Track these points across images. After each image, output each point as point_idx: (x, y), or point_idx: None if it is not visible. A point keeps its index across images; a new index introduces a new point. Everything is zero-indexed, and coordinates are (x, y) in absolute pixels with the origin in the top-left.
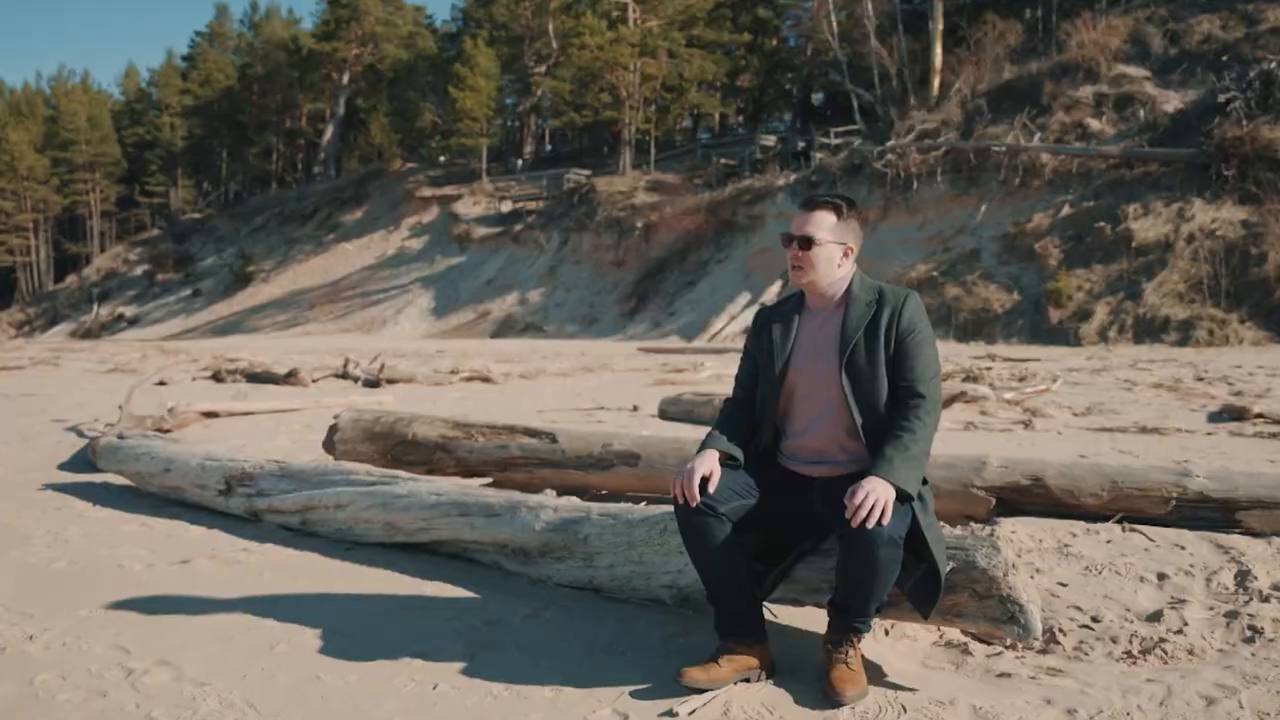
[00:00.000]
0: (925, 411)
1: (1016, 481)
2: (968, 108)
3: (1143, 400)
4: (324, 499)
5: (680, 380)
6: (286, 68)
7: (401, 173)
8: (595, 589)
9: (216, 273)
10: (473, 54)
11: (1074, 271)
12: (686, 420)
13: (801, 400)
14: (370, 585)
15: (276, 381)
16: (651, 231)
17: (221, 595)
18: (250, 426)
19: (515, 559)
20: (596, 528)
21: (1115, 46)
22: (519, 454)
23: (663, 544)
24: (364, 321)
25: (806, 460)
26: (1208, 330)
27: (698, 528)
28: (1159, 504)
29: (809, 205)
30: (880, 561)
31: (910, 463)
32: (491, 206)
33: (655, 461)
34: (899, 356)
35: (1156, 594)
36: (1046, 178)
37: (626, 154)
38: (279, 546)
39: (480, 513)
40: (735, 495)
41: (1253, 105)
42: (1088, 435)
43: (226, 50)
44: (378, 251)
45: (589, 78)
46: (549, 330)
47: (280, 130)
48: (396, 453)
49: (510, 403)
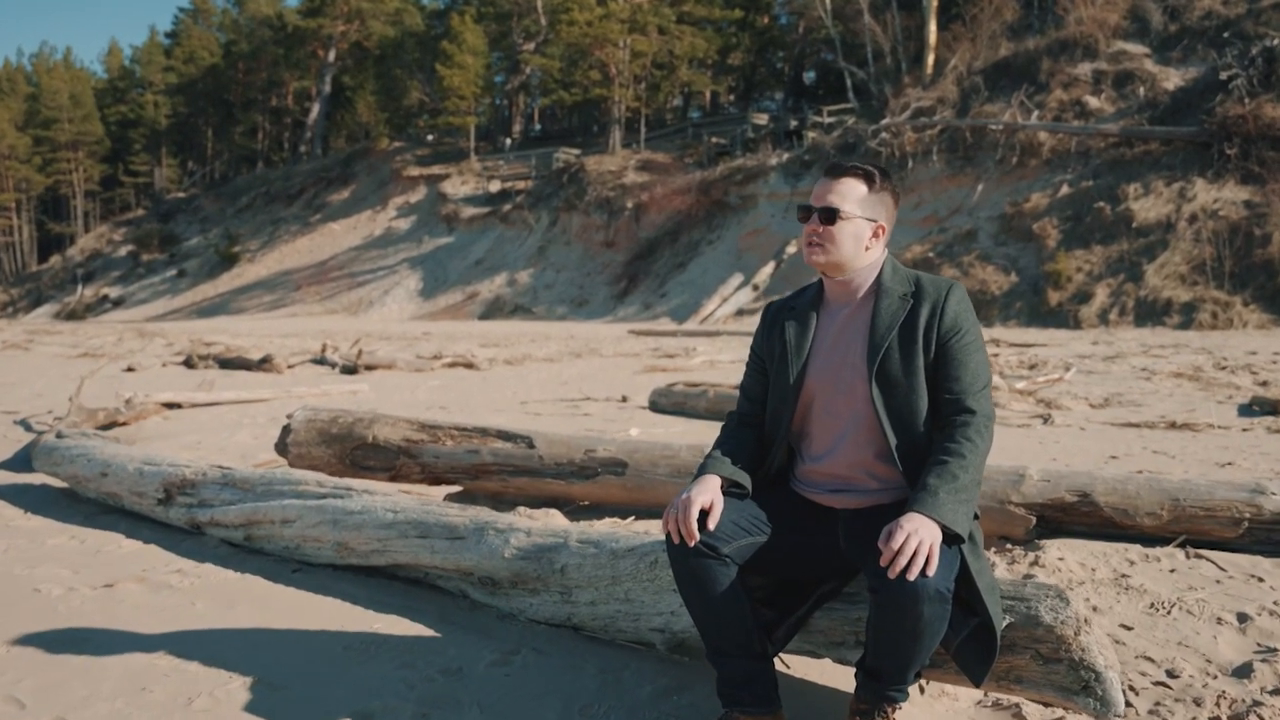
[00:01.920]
0: (976, 431)
1: (1060, 498)
2: (964, 85)
3: (1163, 391)
4: (269, 512)
5: (671, 367)
6: (272, 45)
7: (388, 152)
8: (575, 627)
9: (202, 253)
10: (460, 31)
11: (1073, 252)
12: (679, 414)
13: (822, 416)
14: (315, 618)
15: (250, 368)
16: (642, 211)
17: (145, 629)
18: (212, 419)
19: (482, 588)
20: (575, 557)
21: (1114, 23)
22: (491, 460)
23: (653, 579)
24: (351, 303)
25: (828, 488)
26: (1211, 313)
27: (696, 573)
28: (1228, 526)
29: (834, 172)
30: (924, 620)
31: (959, 495)
32: (480, 186)
33: (644, 470)
34: (942, 363)
35: (1240, 640)
36: (1044, 157)
37: (616, 133)
38: (218, 567)
39: (442, 534)
40: (742, 532)
41: (1255, 83)
42: (1113, 431)
43: (211, 27)
44: (365, 232)
45: (578, 55)
46: (538, 312)
47: (266, 109)
48: (356, 457)
49: (492, 391)
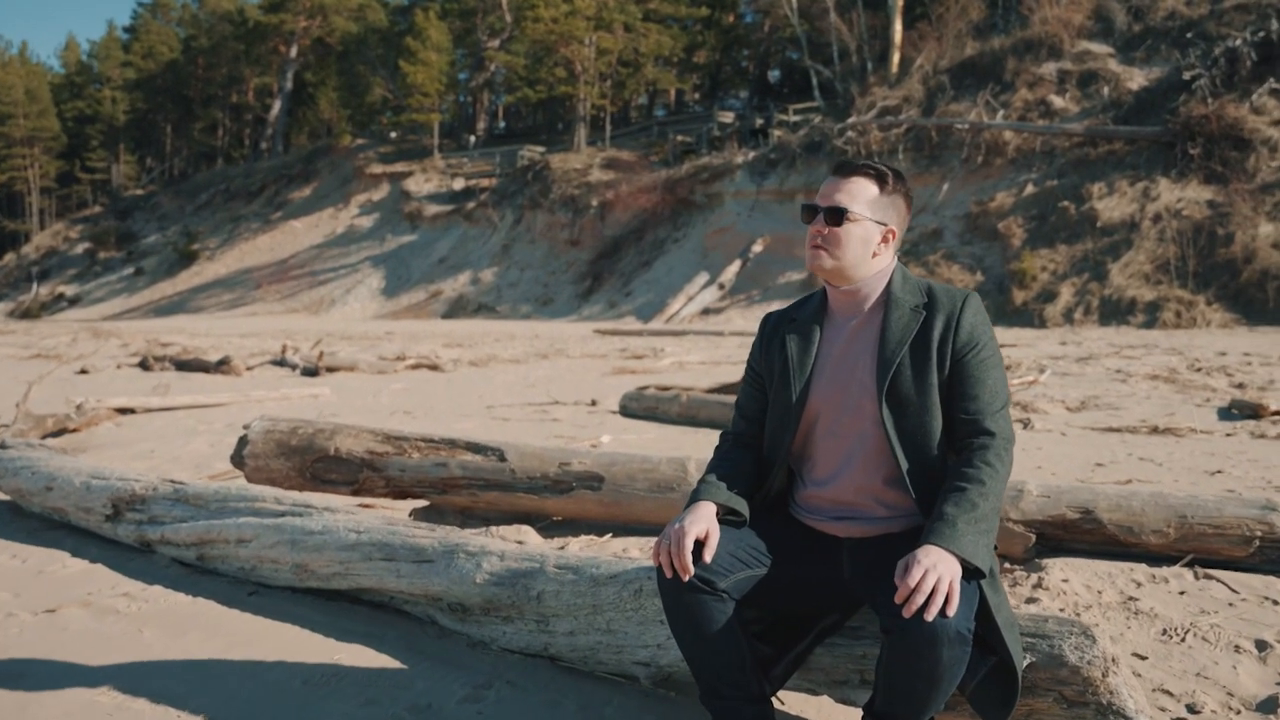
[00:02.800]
0: (995, 455)
1: (1062, 515)
2: (929, 84)
3: (1140, 393)
4: (223, 531)
5: (640, 369)
6: (232, 40)
7: (351, 149)
8: (552, 658)
9: (160, 251)
10: (424, 27)
11: (1038, 252)
12: (651, 418)
13: (826, 437)
14: (272, 647)
15: (207, 370)
16: (607, 210)
17: (88, 660)
18: (167, 425)
19: (452, 615)
20: (553, 584)
21: (1078, 23)
22: (460, 474)
23: (637, 609)
24: (312, 301)
25: (832, 515)
26: (1175, 312)
27: (690, 609)
28: (1238, 544)
29: (844, 170)
30: (942, 664)
31: (979, 525)
32: (443, 184)
33: (622, 485)
34: (957, 380)
35: (1261, 671)
36: (1009, 156)
37: (581, 131)
38: (168, 590)
39: (409, 557)
40: (739, 564)
41: (1218, 83)
42: (1095, 436)
43: (170, 22)
44: (326, 230)
45: (543, 52)
46: (502, 311)
47: (226, 105)
48: (316, 470)
49: (458, 395)
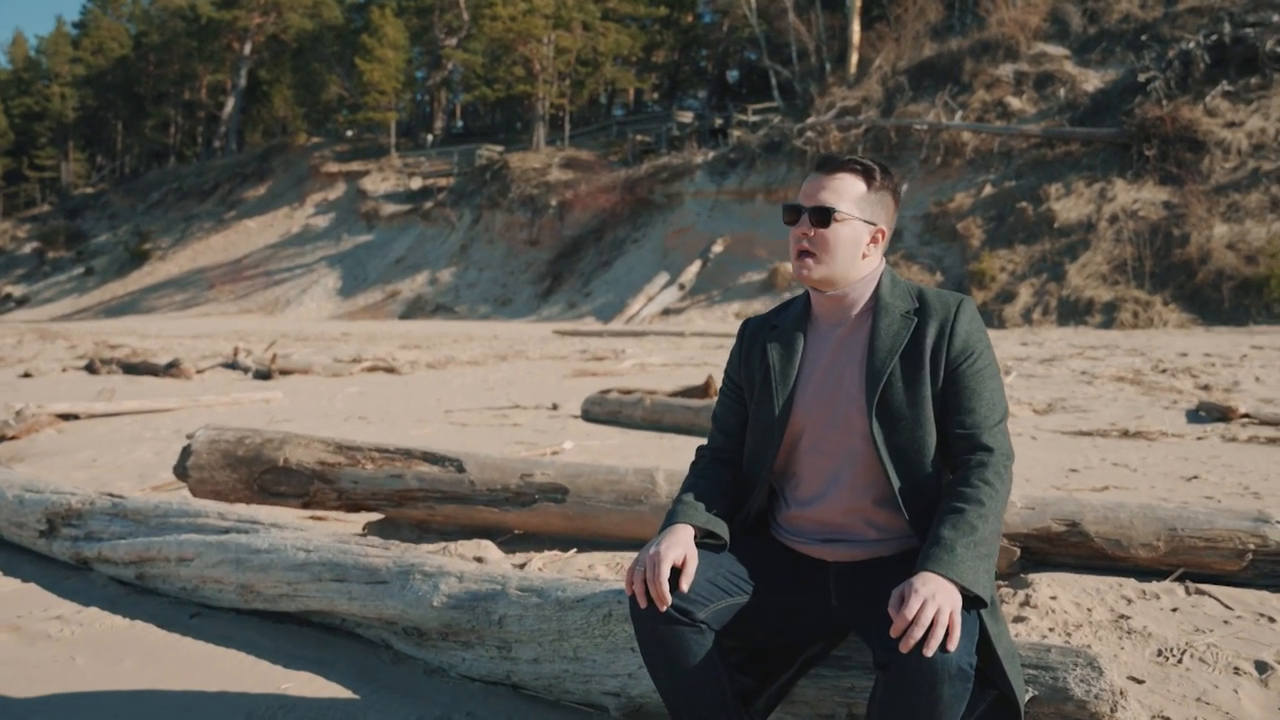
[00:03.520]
0: (994, 473)
1: (1047, 528)
2: (888, 85)
3: (1106, 395)
4: (164, 549)
5: (601, 371)
6: (184, 37)
7: (306, 147)
8: (515, 686)
9: (111, 250)
10: (380, 24)
11: (997, 252)
12: (613, 423)
13: (812, 454)
14: (214, 675)
15: (156, 373)
16: (566, 209)
17: (15, 692)
18: (111, 432)
19: (407, 639)
20: (516, 608)
21: (1035, 24)
22: (417, 486)
23: (606, 636)
24: (267, 302)
25: (818, 538)
26: (1132, 312)
27: (666, 641)
28: (1231, 558)
29: (828, 166)
30: (943, 702)
31: (979, 550)
32: (401, 183)
33: (587, 497)
34: (952, 392)
35: (1263, 695)
36: (968, 157)
37: (540, 130)
38: (105, 612)
39: (361, 578)
40: (719, 592)
41: (1172, 85)
42: (1066, 440)
43: (120, 17)
44: (281, 229)
45: (501, 50)
46: (460, 311)
47: (178, 102)
48: (265, 482)
49: (415, 398)
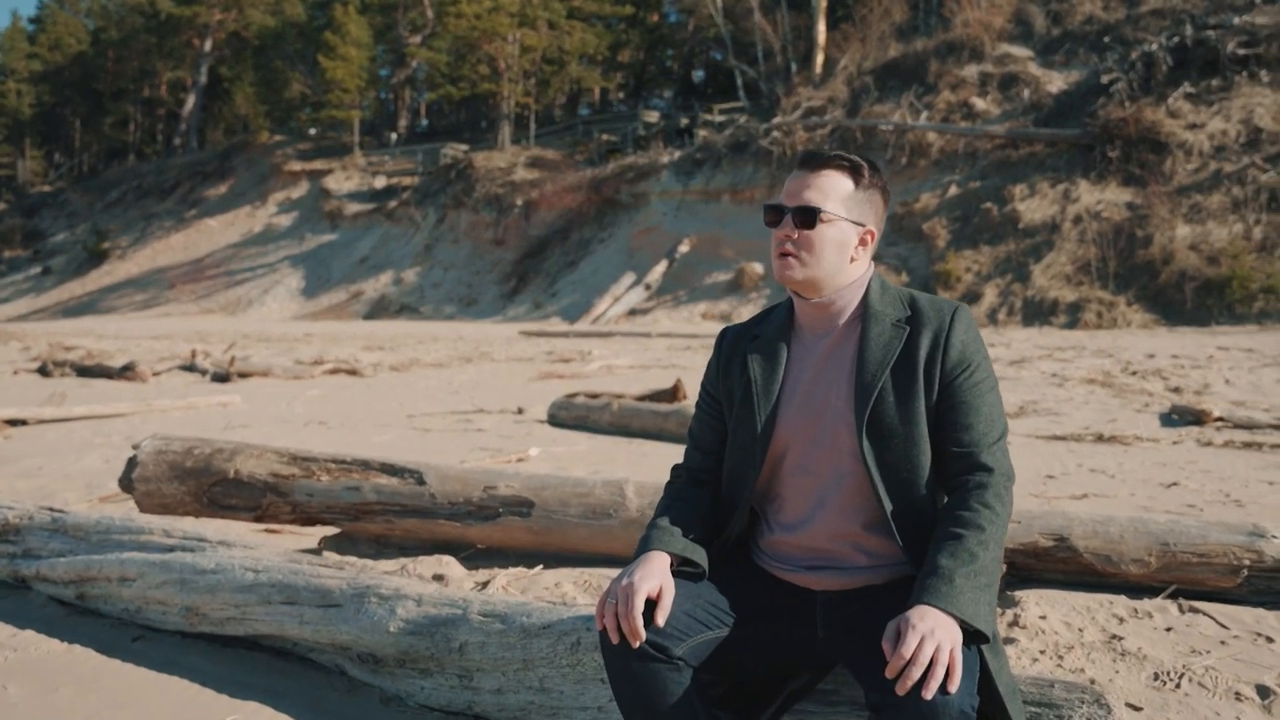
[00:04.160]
0: (995, 496)
1: (1034, 543)
2: (854, 85)
3: (1078, 398)
4: (105, 568)
5: (568, 373)
6: (143, 33)
7: (269, 145)
8: (477, 716)
9: (69, 249)
10: (343, 22)
11: (962, 253)
12: (580, 428)
13: (796, 474)
14: (156, 706)
15: (111, 376)
16: (532, 209)
17: None
18: (60, 438)
19: (363, 666)
20: (478, 634)
21: (999, 26)
22: (375, 498)
23: (574, 666)
24: (229, 302)
25: (803, 564)
26: (1096, 313)
27: (640, 680)
28: (1225, 574)
29: (812, 163)
30: None
31: (979, 580)
32: (364, 182)
33: (554, 510)
34: (948, 407)
35: None
36: (933, 157)
37: (505, 129)
38: (41, 635)
39: (313, 601)
40: (697, 625)
41: (1135, 87)
42: (1040, 445)
43: (78, 13)
44: (243, 228)
45: (466, 49)
46: (425, 312)
47: (138, 99)
48: (214, 494)
49: (377, 402)
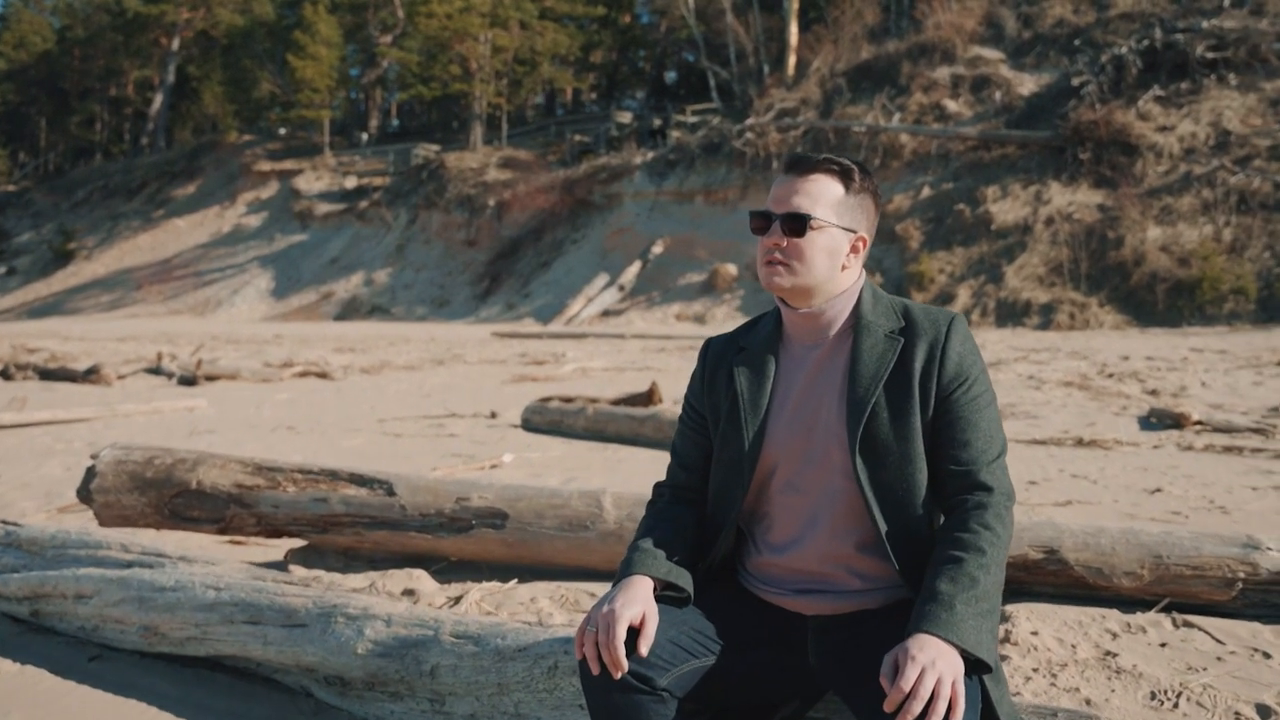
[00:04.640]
0: (995, 516)
1: (1024, 555)
2: (826, 87)
3: (1056, 401)
4: (60, 585)
5: (541, 376)
6: (110, 31)
7: (238, 145)
8: None
9: (34, 250)
10: (313, 21)
11: (935, 254)
12: (555, 433)
13: (786, 493)
14: None
15: (74, 379)
16: (504, 210)
17: None
18: (19, 445)
19: (330, 688)
20: (450, 657)
21: (971, 28)
22: (343, 510)
23: (551, 691)
24: (197, 303)
25: (793, 588)
26: (1069, 314)
27: (623, 712)
28: (1219, 587)
29: (801, 167)
30: None
31: (980, 606)
32: (335, 182)
33: (528, 523)
34: (945, 423)
35: None
36: (906, 159)
37: (477, 129)
38: None
39: (278, 620)
40: (682, 654)
41: (1105, 89)
42: (1020, 450)
43: (43, 11)
44: (212, 229)
45: (437, 49)
46: (396, 313)
47: (104, 98)
48: (176, 506)
49: (347, 406)
